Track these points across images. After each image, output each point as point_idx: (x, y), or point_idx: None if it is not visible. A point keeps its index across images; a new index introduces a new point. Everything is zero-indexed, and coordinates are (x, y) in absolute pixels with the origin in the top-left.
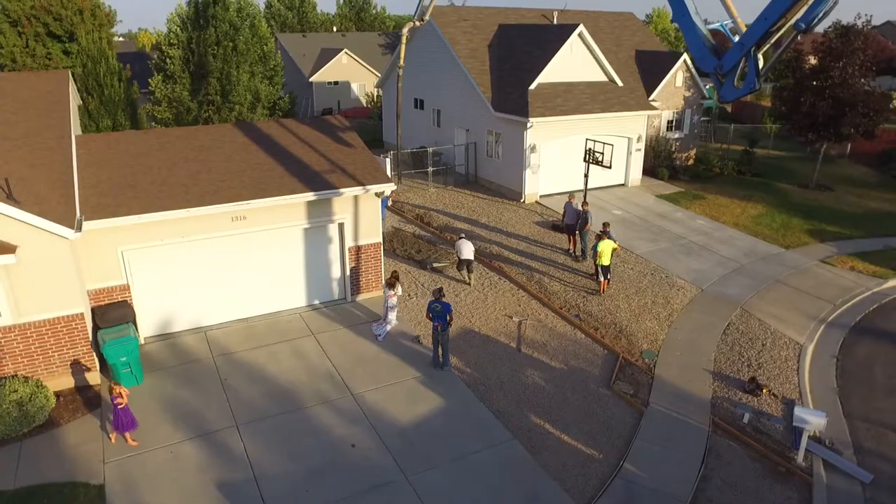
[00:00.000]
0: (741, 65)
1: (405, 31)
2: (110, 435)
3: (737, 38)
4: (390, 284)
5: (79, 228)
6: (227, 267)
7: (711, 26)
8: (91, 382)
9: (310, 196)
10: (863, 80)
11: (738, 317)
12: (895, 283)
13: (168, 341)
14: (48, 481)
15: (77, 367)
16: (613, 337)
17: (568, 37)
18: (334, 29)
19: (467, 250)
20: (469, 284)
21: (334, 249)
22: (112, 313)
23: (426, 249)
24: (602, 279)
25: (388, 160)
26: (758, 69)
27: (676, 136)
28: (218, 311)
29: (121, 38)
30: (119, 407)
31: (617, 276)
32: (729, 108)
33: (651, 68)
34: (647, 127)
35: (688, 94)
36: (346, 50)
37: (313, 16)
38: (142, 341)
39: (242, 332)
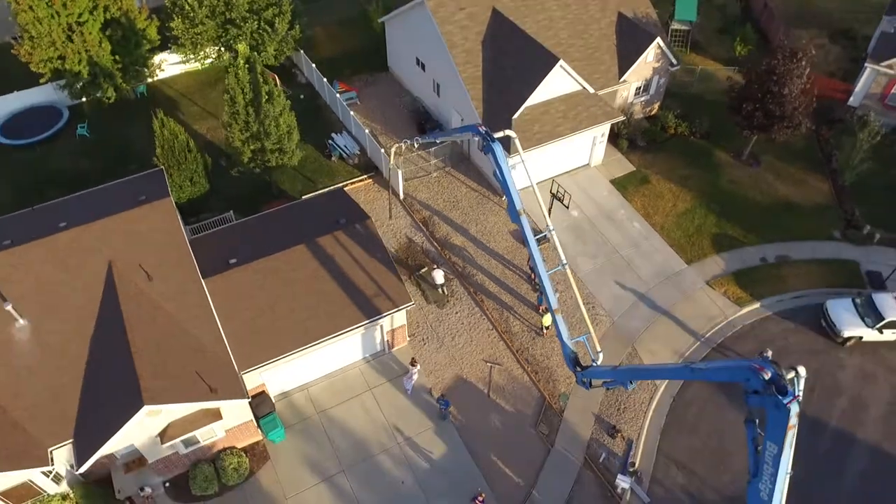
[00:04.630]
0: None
1: (393, 150)
2: None
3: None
4: (413, 364)
5: (247, 396)
6: (316, 352)
7: (577, 339)
8: (258, 442)
9: (366, 322)
10: (795, 99)
11: (628, 356)
12: (745, 311)
13: (287, 399)
14: None
15: (251, 438)
16: (546, 381)
17: (550, 69)
18: None
19: (439, 277)
20: (444, 295)
21: (378, 332)
22: (262, 406)
23: (427, 264)
24: (544, 331)
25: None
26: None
27: (643, 98)
28: (311, 373)
29: None
30: None
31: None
32: None
33: (628, 45)
34: (616, 97)
35: (657, 65)
36: None
37: None
38: (274, 400)
39: (329, 388)
